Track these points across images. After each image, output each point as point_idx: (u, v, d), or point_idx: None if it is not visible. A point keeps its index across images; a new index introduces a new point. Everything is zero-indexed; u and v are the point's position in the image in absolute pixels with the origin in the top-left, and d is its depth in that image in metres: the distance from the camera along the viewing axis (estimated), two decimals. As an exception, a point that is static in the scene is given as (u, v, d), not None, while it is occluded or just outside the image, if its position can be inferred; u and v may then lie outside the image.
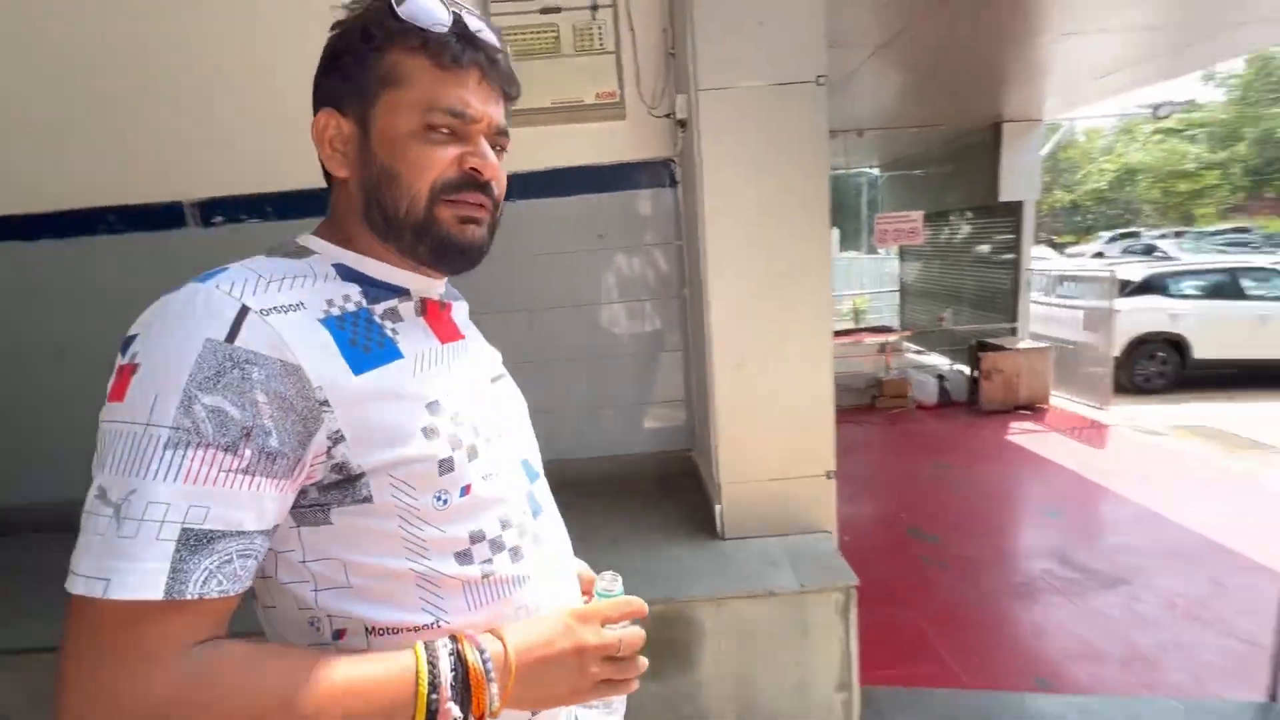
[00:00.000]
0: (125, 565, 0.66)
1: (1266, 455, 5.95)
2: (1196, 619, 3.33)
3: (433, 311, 0.90)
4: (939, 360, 8.79)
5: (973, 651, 3.21)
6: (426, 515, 0.80)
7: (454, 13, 0.84)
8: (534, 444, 1.00)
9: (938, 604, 3.71)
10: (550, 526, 0.96)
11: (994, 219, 8.05)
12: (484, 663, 0.77)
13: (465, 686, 0.76)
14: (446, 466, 0.80)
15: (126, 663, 0.65)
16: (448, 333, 0.91)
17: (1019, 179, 7.93)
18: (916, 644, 3.26)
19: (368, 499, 0.77)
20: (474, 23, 0.85)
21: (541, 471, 0.99)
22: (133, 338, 0.71)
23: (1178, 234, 30.48)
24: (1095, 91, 6.88)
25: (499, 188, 0.88)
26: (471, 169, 0.85)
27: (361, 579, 0.79)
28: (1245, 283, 9.11)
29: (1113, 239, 33.19)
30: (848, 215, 19.66)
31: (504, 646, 0.80)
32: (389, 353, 0.81)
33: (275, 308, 0.74)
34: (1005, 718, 2.58)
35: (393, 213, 0.85)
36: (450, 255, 0.87)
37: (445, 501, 0.81)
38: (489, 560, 0.85)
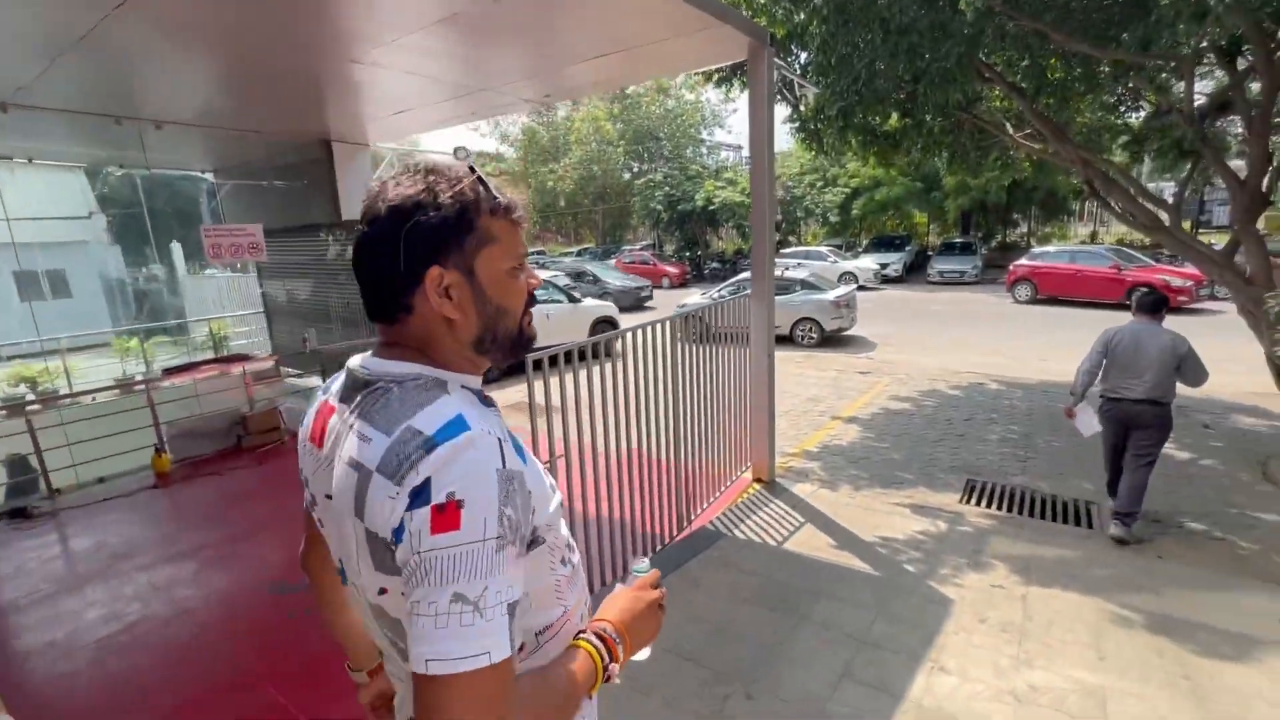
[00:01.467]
0: (493, 641, 1.08)
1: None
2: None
3: None
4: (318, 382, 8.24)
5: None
6: (560, 539, 1.25)
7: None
8: None
9: (304, 656, 3.66)
10: None
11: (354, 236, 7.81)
12: (613, 635, 1.34)
13: (610, 652, 1.33)
14: (560, 505, 1.23)
15: (508, 698, 1.08)
16: None
17: (355, 200, 7.66)
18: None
19: (541, 541, 1.21)
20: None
21: None
22: (428, 481, 1.10)
23: None
24: (400, 125, 7.07)
25: None
26: (532, 288, 1.31)
27: (535, 597, 1.19)
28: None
29: None
30: (189, 225, 17.53)
31: (613, 623, 1.35)
32: (519, 445, 1.18)
33: (496, 433, 1.12)
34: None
35: (504, 336, 1.27)
36: (527, 350, 1.29)
37: (560, 525, 1.24)
38: (570, 556, 1.29)
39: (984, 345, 13.60)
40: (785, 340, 14.43)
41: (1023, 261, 20.32)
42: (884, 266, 28.28)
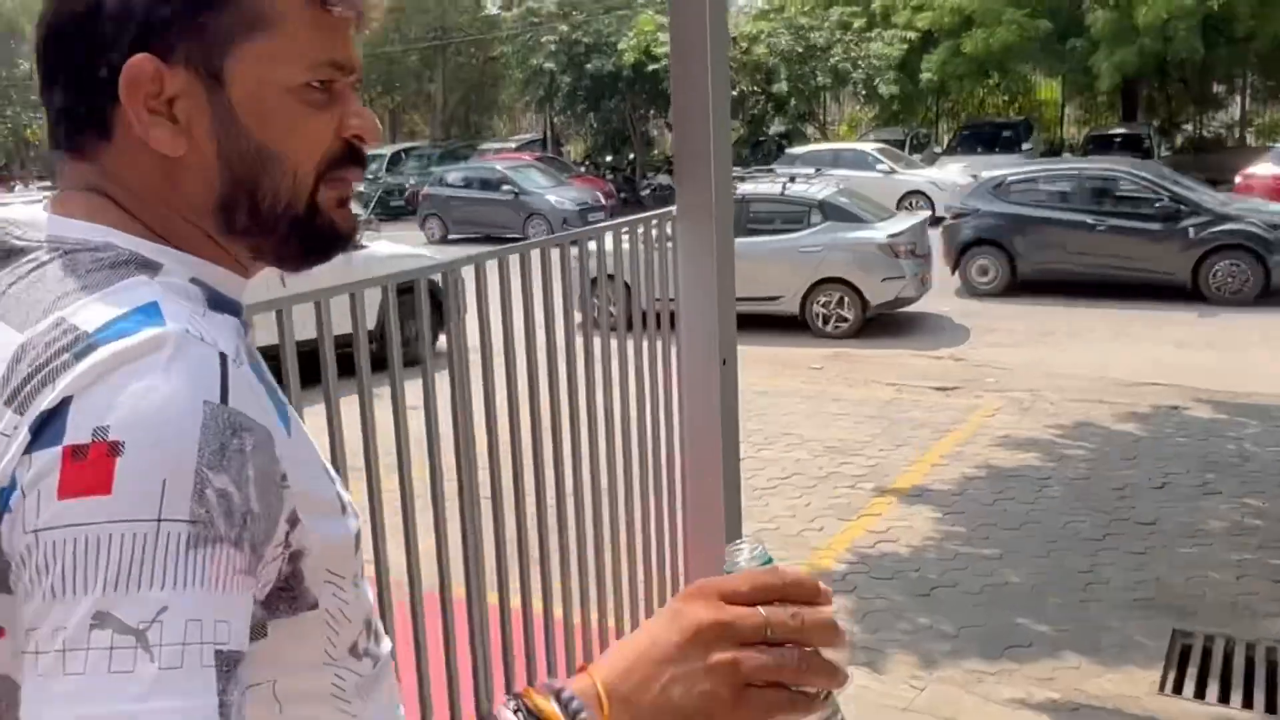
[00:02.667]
0: (181, 705, 0.60)
1: None
2: None
3: None
4: None
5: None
6: (353, 604, 0.83)
7: None
8: None
9: None
10: None
11: None
12: (563, 702, 0.71)
13: None
14: (358, 541, 0.87)
15: None
16: None
17: None
18: None
19: (310, 597, 0.78)
20: None
21: None
22: (66, 403, 0.65)
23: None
24: None
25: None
26: (355, 136, 0.83)
27: (291, 697, 0.78)
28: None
29: None
30: None
31: (589, 676, 0.74)
32: (282, 401, 0.83)
33: (230, 355, 0.74)
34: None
35: (270, 204, 0.80)
36: (328, 250, 0.85)
37: (358, 585, 0.86)
38: (373, 645, 0.87)
39: (1180, 334, 10.16)
40: (790, 325, 11.05)
41: (1259, 169, 15.05)
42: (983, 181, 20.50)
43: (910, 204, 18.27)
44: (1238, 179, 15.39)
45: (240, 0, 0.75)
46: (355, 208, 0.84)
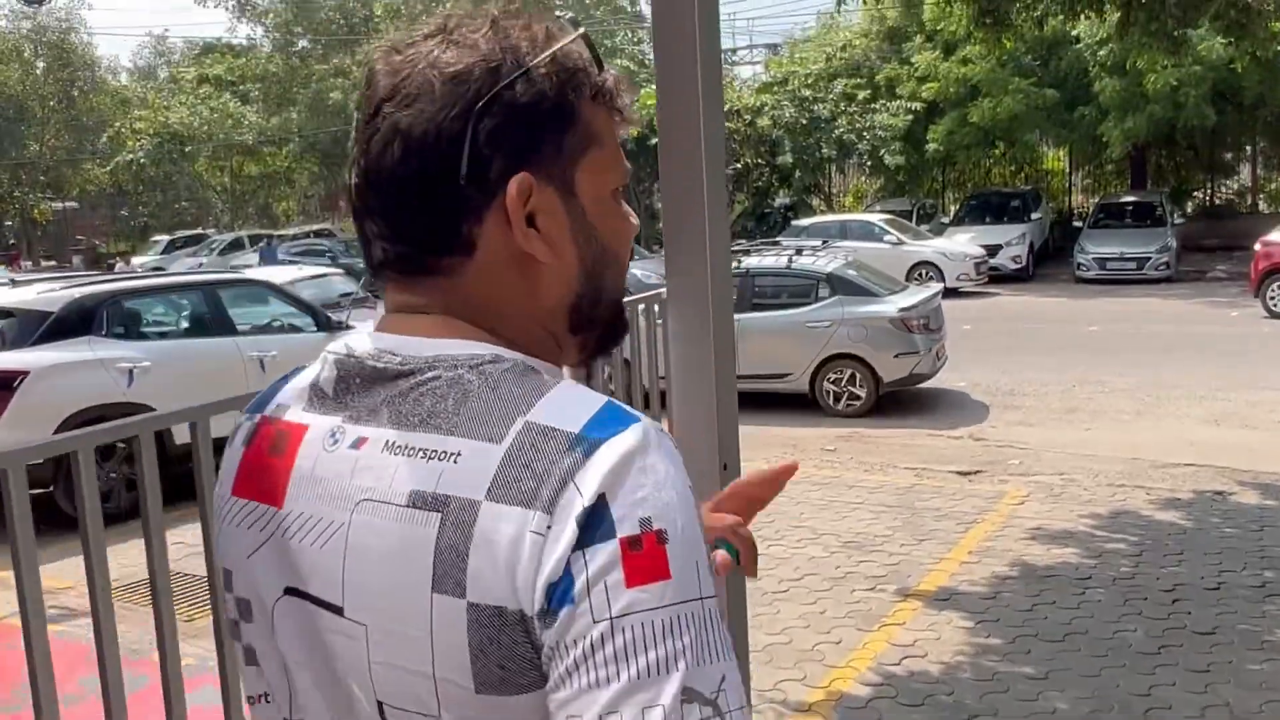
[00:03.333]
0: None
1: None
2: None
3: None
4: None
5: None
6: None
7: None
8: None
9: None
10: None
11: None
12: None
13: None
14: None
15: None
16: None
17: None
18: None
19: None
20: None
21: None
22: (603, 500, 0.73)
23: (261, 239, 27.87)
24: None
25: None
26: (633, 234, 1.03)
27: None
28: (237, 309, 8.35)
29: (179, 245, 28.89)
30: None
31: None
32: None
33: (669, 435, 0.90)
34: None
35: (610, 297, 0.93)
36: (620, 339, 0.99)
37: None
38: None
39: (1216, 405, 9.76)
40: (801, 403, 10.64)
41: (1277, 235, 14.67)
42: (992, 252, 19.72)
43: (920, 275, 17.73)
44: (1257, 246, 14.87)
45: (580, 121, 0.83)
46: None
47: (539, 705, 0.71)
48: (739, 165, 25.17)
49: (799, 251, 11.68)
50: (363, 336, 0.85)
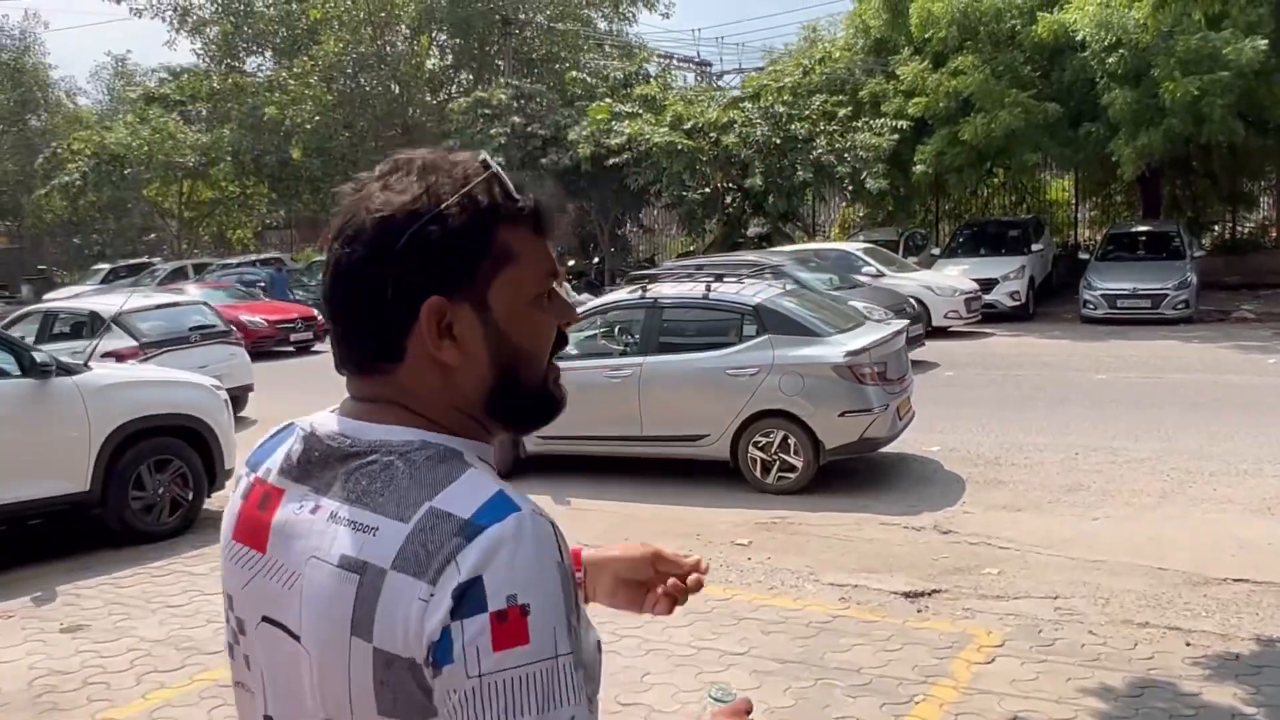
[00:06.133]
0: None
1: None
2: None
3: None
4: None
5: None
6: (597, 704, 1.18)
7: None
8: None
9: None
10: None
11: None
12: None
13: None
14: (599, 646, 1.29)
15: None
16: None
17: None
18: None
19: (593, 698, 1.13)
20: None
21: None
22: (478, 581, 0.98)
23: (210, 267, 26.55)
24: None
25: None
26: (564, 323, 1.23)
27: None
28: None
29: (120, 275, 27.82)
30: None
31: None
32: None
33: (547, 516, 1.13)
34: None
35: (526, 389, 1.18)
36: (554, 416, 1.23)
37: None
38: None
39: (1266, 484, 7.36)
40: (717, 473, 8.37)
41: None
42: (987, 287, 17.86)
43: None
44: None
45: (496, 245, 1.12)
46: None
47: None
48: (706, 189, 22.97)
49: (719, 278, 9.34)
50: (327, 416, 1.17)
